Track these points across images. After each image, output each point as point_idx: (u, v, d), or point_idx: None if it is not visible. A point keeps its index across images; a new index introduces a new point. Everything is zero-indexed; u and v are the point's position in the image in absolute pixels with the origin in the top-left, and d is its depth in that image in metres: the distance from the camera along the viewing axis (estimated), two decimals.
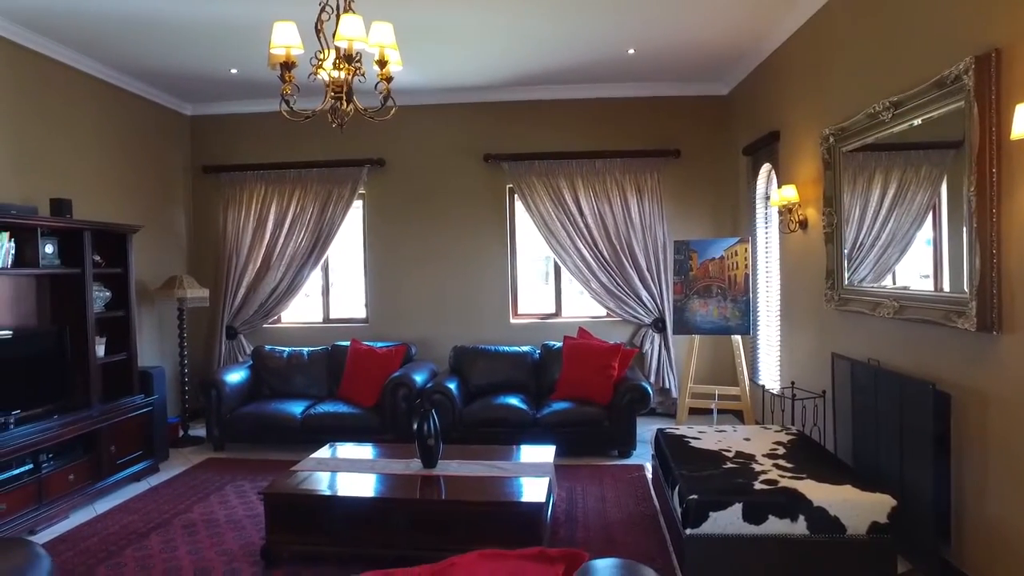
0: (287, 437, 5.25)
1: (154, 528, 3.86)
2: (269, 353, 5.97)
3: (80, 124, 5.06)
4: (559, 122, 6.12)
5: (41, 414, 4.20)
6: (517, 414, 5.03)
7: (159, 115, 6.04)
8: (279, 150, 6.33)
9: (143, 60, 5.12)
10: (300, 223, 6.31)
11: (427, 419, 3.62)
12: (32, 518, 3.85)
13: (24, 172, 4.50)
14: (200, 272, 6.43)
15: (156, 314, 5.96)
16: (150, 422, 4.95)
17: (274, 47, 2.68)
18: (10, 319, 4.21)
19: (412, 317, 6.31)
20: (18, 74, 4.48)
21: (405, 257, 6.32)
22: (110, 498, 4.39)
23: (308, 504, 3.34)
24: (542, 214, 6.05)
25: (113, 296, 4.84)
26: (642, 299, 6.01)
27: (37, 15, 4.22)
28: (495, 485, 3.36)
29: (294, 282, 6.35)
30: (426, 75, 5.66)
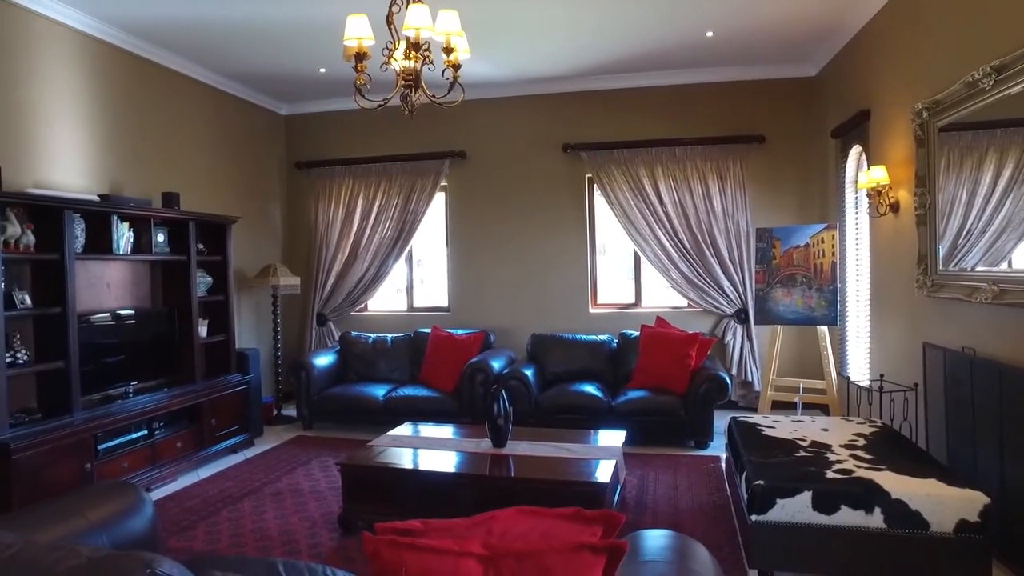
0: (370, 418, 5.49)
1: (247, 494, 4.17)
2: (355, 339, 6.27)
3: (188, 125, 5.51)
4: (638, 110, 6.06)
5: (154, 386, 4.63)
6: (592, 401, 5.04)
7: (257, 115, 6.47)
8: (365, 144, 6.61)
9: (243, 65, 5.51)
10: (385, 215, 6.57)
11: (497, 401, 3.69)
12: (147, 477, 4.26)
13: (140, 169, 4.96)
14: (293, 261, 6.84)
15: (254, 300, 6.39)
16: (246, 399, 5.32)
17: (347, 39, 2.83)
18: (129, 301, 4.66)
19: (492, 306, 6.43)
20: (135, 81, 4.93)
21: (486, 247, 6.45)
22: (211, 466, 4.77)
23: (381, 476, 3.51)
24: (621, 203, 6.00)
25: (214, 282, 5.25)
26: (724, 289, 5.85)
27: (152, 27, 4.63)
28: (560, 465, 3.40)
29: (379, 271, 6.62)
30: (503, 68, 5.75)
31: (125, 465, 4.13)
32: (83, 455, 3.84)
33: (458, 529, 1.63)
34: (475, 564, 1.48)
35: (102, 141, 4.63)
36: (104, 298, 4.44)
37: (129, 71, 4.87)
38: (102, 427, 4.01)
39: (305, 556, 3.22)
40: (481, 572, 1.48)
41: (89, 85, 4.54)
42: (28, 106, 4.11)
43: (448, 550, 1.49)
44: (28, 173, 4.08)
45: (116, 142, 4.74)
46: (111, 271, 4.49)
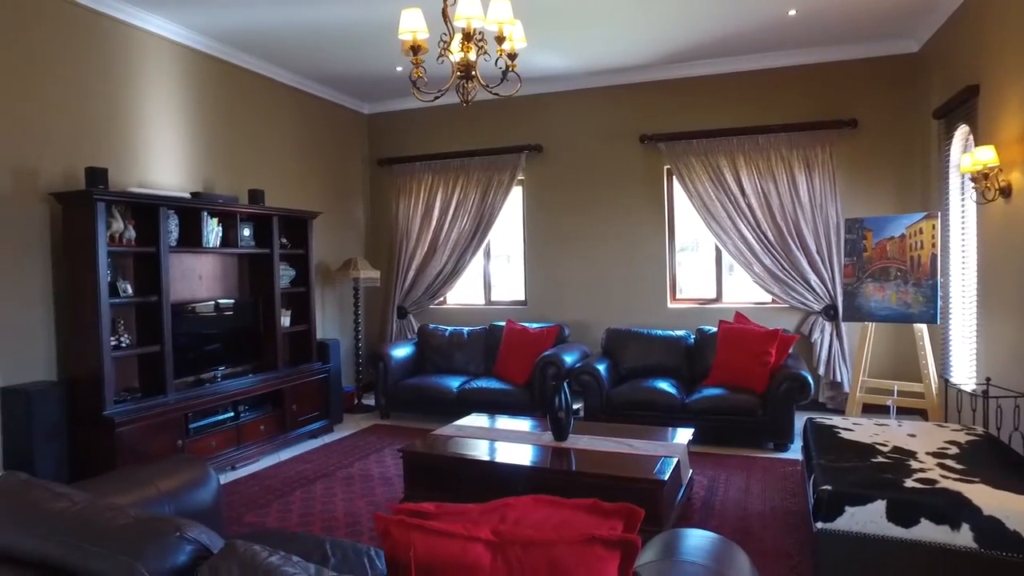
0: (444, 409, 5.58)
1: (320, 477, 4.36)
2: (432, 331, 6.40)
3: (275, 126, 5.81)
4: (717, 98, 5.80)
5: (240, 372, 4.93)
6: (665, 398, 4.89)
7: (341, 115, 6.73)
8: (444, 140, 6.73)
9: (327, 67, 5.74)
10: (463, 209, 6.65)
11: (559, 394, 3.66)
12: (232, 456, 4.55)
13: (230, 168, 5.28)
14: (376, 256, 7.07)
15: (337, 292, 6.66)
16: (326, 387, 5.56)
17: (402, 33, 2.88)
18: (218, 291, 4.98)
19: (569, 300, 6.38)
20: (226, 87, 5.26)
21: (562, 241, 6.40)
22: (290, 449, 5.02)
23: (441, 464, 3.56)
24: (701, 195, 5.78)
25: (297, 274, 5.51)
26: (810, 284, 5.51)
27: (241, 35, 4.92)
28: (619, 460, 3.32)
29: (458, 265, 6.71)
30: (576, 59, 5.67)
31: (213, 444, 4.43)
32: (175, 432, 4.14)
33: (472, 514, 1.62)
34: (483, 549, 1.46)
35: (196, 143, 4.97)
36: (196, 288, 4.76)
37: (221, 77, 5.20)
38: (192, 407, 4.31)
39: (365, 538, 3.32)
40: (488, 558, 1.46)
41: (185, 92, 4.88)
42: (132, 113, 4.47)
43: (456, 534, 1.48)
44: (132, 174, 4.45)
45: (209, 143, 5.08)
46: (202, 263, 4.81)
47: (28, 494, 1.79)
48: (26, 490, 1.82)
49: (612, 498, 3.02)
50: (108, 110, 4.31)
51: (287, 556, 1.47)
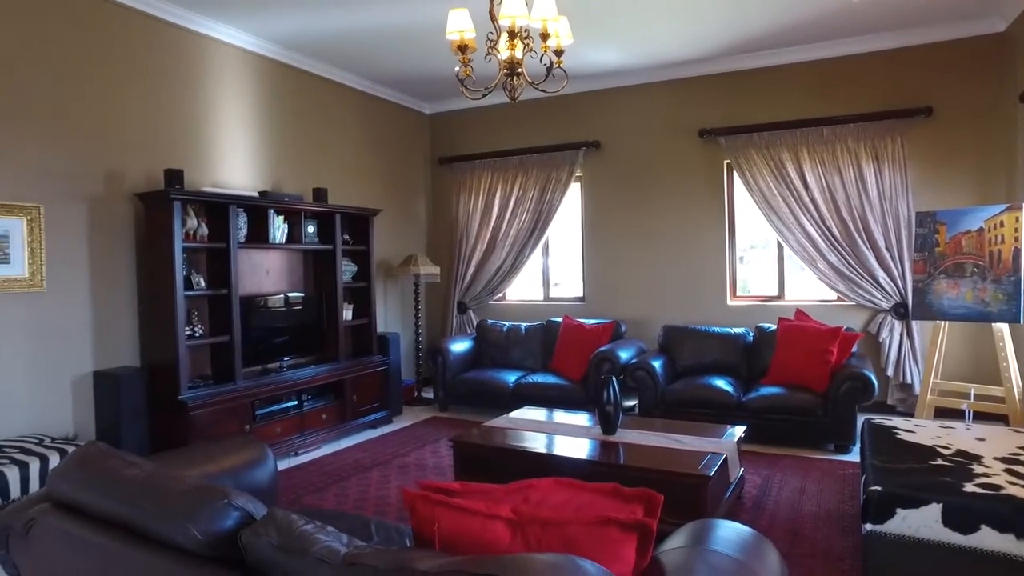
0: (500, 403, 5.66)
1: (376, 465, 4.52)
2: (491, 326, 6.50)
3: (339, 127, 6.05)
4: (779, 89, 5.64)
5: (304, 362, 5.16)
6: (721, 396, 4.81)
7: (403, 115, 6.92)
8: (503, 138, 6.81)
9: (388, 69, 5.92)
10: (522, 206, 6.72)
11: (607, 387, 3.67)
12: (295, 442, 4.78)
13: (296, 167, 5.54)
14: (437, 252, 7.23)
15: (399, 288, 6.86)
16: (386, 379, 5.74)
17: (449, 33, 2.97)
18: (284, 286, 5.23)
19: (627, 296, 6.35)
20: (293, 91, 5.52)
21: (620, 237, 6.38)
22: (350, 438, 5.22)
23: (489, 454, 3.63)
24: (762, 190, 5.64)
25: (358, 269, 5.72)
26: (878, 281, 5.28)
27: (306, 41, 5.14)
28: (665, 455, 3.30)
29: (516, 262, 6.79)
30: (633, 55, 5.64)
31: (278, 430, 4.66)
32: (243, 417, 4.40)
33: (495, 494, 1.67)
34: (503, 527, 1.52)
35: (265, 144, 5.24)
36: (264, 283, 5.02)
37: (288, 82, 5.46)
38: (259, 395, 4.56)
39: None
40: (508, 535, 1.51)
41: (255, 97, 5.15)
42: (207, 118, 4.76)
43: (478, 511, 1.54)
44: (206, 174, 4.74)
45: (276, 145, 5.34)
46: (269, 259, 5.07)
47: (105, 461, 1.98)
48: (104, 457, 2.01)
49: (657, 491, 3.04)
50: (185, 116, 4.61)
51: (321, 526, 1.57)
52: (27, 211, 3.68)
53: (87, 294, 3.99)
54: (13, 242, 3.63)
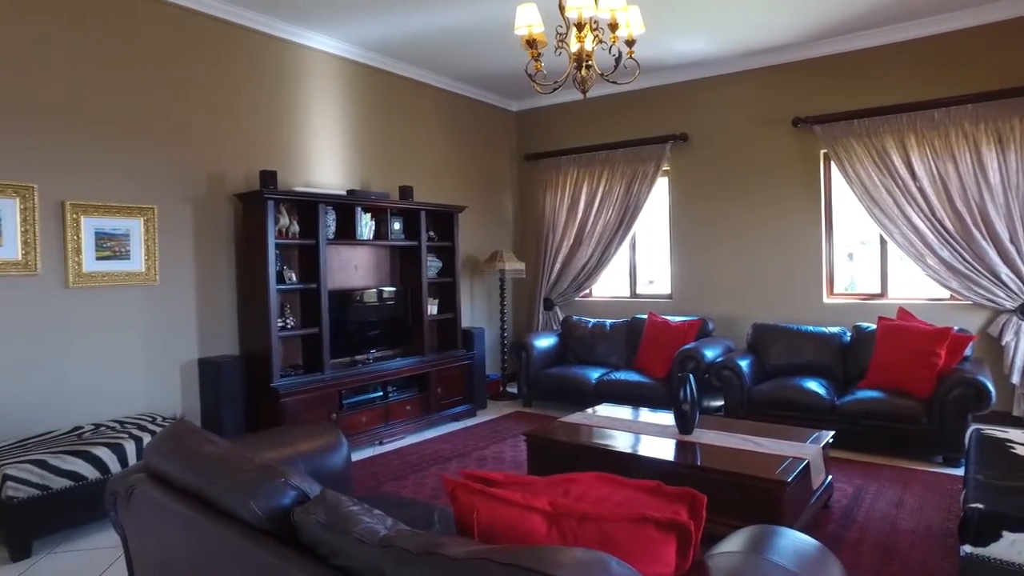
0: (583, 399, 5.62)
1: (456, 457, 4.62)
2: (576, 323, 6.48)
3: (425, 125, 6.21)
4: (880, 72, 5.23)
5: (390, 355, 5.35)
6: (811, 398, 4.55)
7: (489, 113, 7.01)
8: (590, 133, 6.76)
9: (473, 68, 6.01)
10: (608, 201, 6.64)
11: (684, 386, 3.57)
12: (380, 432, 4.97)
13: (383, 166, 5.74)
14: (524, 248, 7.28)
15: (485, 283, 6.96)
16: (470, 373, 5.85)
17: (517, 28, 2.98)
18: (372, 281, 5.44)
19: (715, 293, 6.13)
20: (380, 92, 5.72)
21: (709, 232, 6.16)
22: (434, 430, 5.36)
23: (561, 449, 3.63)
24: (863, 181, 5.26)
25: (443, 265, 5.85)
26: (1001, 278, 4.80)
27: (393, 44, 5.31)
28: (742, 457, 3.16)
29: (602, 258, 6.71)
30: (721, 43, 5.43)
31: (363, 419, 4.86)
32: (330, 406, 4.62)
33: (535, 486, 1.67)
34: (539, 519, 1.52)
35: (353, 145, 5.47)
36: (352, 278, 5.25)
37: (375, 84, 5.66)
38: (346, 385, 4.77)
39: None
40: (545, 527, 1.51)
41: (344, 99, 5.39)
42: (299, 121, 5.04)
43: (515, 502, 1.55)
44: (300, 175, 5.02)
45: (364, 145, 5.57)
46: (357, 255, 5.29)
47: (189, 437, 2.15)
48: (189, 435, 2.18)
49: (731, 496, 2.94)
50: (280, 120, 4.90)
51: (368, 508, 1.63)
52: (144, 212, 4.05)
53: (193, 287, 4.34)
54: (133, 240, 4.00)
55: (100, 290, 3.86)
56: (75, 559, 3.08)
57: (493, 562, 1.23)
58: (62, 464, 3.19)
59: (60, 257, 3.69)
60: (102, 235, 3.84)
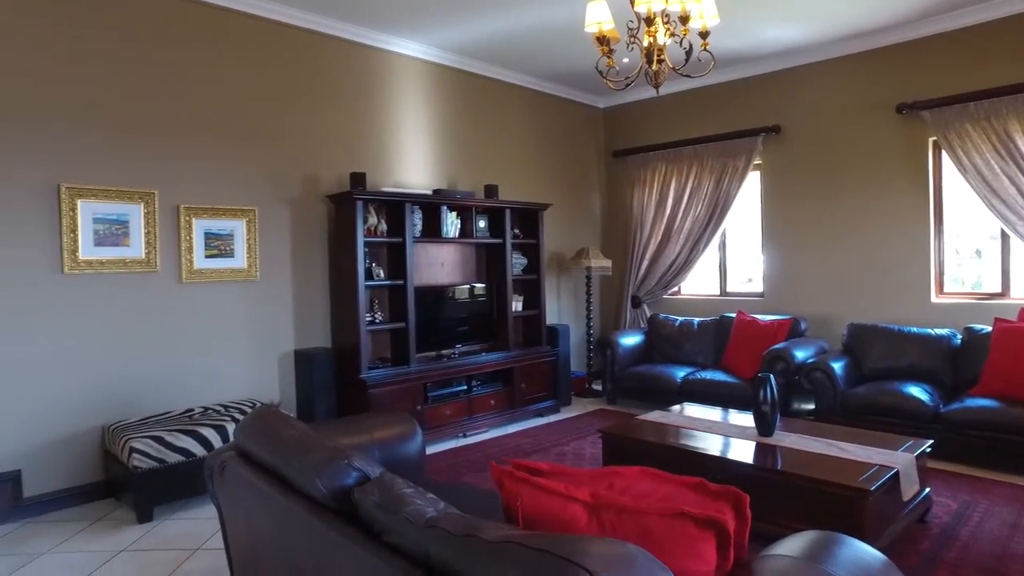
0: (667, 398, 5.52)
1: (536, 451, 4.68)
2: (663, 321, 6.37)
3: (509, 125, 6.30)
4: (1000, 47, 4.77)
5: (475, 350, 5.49)
6: (912, 404, 4.25)
7: (576, 110, 7.01)
8: (678, 128, 6.62)
9: (558, 66, 6.03)
10: (696, 197, 6.48)
11: (763, 386, 3.45)
12: (464, 424, 5.12)
13: (469, 166, 5.89)
14: (612, 245, 7.24)
15: (572, 280, 6.97)
16: (554, 370, 5.90)
17: (588, 26, 2.99)
18: (458, 278, 5.60)
19: (810, 292, 5.84)
20: (465, 94, 5.86)
21: (803, 228, 5.88)
22: (517, 424, 5.45)
23: (636, 447, 3.60)
24: (979, 170, 4.84)
25: (528, 262, 5.93)
26: None
27: (477, 46, 5.44)
28: (822, 463, 3.02)
29: (691, 255, 6.56)
30: (814, 29, 5.15)
31: (447, 412, 5.03)
32: (416, 398, 4.81)
33: (580, 477, 1.70)
34: (580, 509, 1.55)
35: (440, 145, 5.65)
36: (439, 274, 5.43)
37: (460, 86, 5.81)
38: (431, 378, 4.95)
39: None
40: (585, 518, 1.54)
41: (430, 102, 5.58)
42: (389, 125, 5.27)
43: (558, 492, 1.59)
44: (388, 176, 5.25)
45: (451, 145, 5.73)
46: (443, 252, 5.47)
47: (271, 420, 2.34)
48: (272, 418, 2.38)
49: (808, 503, 2.82)
50: (370, 123, 5.14)
51: (421, 491, 1.72)
52: (246, 213, 4.39)
53: (290, 283, 4.65)
54: (236, 239, 4.35)
55: (208, 285, 4.23)
56: (187, 525, 3.41)
57: (523, 546, 1.28)
58: (175, 441, 3.54)
59: (175, 255, 4.08)
60: (210, 235, 4.21)
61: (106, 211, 3.78)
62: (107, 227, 3.78)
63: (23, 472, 3.58)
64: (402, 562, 1.49)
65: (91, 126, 3.77)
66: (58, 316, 3.66)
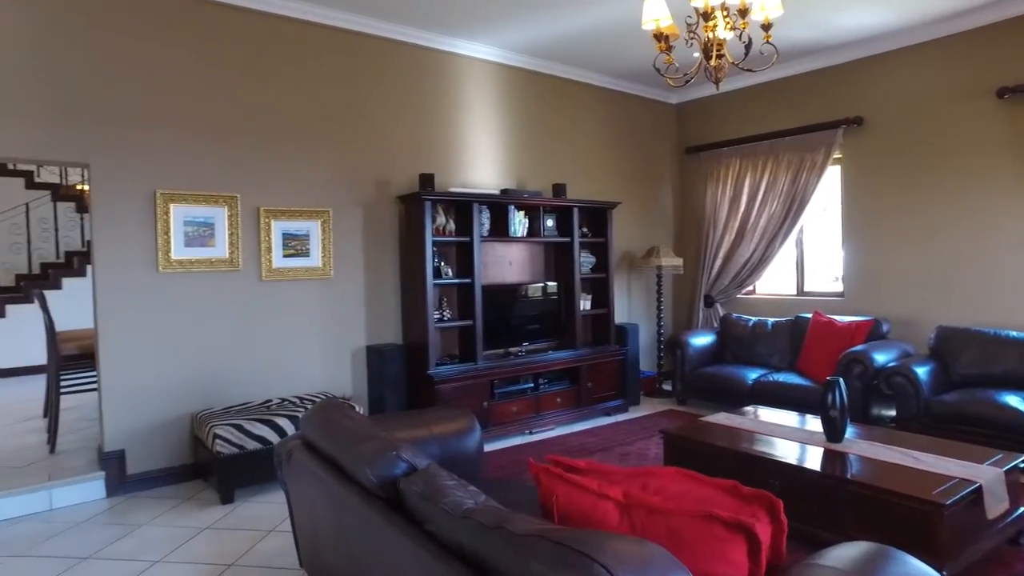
0: (738, 400, 5.37)
1: (600, 450, 4.69)
2: (735, 321, 6.21)
3: (578, 124, 6.29)
4: None
5: (542, 348, 5.54)
6: (1009, 415, 3.96)
7: (648, 108, 6.92)
8: (752, 123, 6.42)
9: (627, 63, 5.97)
10: (772, 193, 6.27)
11: (832, 390, 3.32)
12: (530, 422, 5.18)
13: (537, 165, 5.93)
14: (684, 243, 7.11)
15: (643, 279, 6.90)
16: (622, 369, 5.87)
17: (645, 22, 2.97)
18: (526, 276, 5.66)
19: (894, 293, 5.53)
20: (533, 94, 5.90)
21: (888, 225, 5.57)
22: (583, 423, 5.46)
23: (698, 450, 3.55)
24: None
25: (596, 261, 5.91)
26: None
27: (545, 46, 5.47)
28: (893, 473, 2.88)
29: (766, 253, 6.35)
30: (899, 11, 4.85)
31: (514, 409, 5.10)
32: (482, 394, 4.91)
33: (615, 476, 1.72)
34: (612, 507, 1.58)
35: (508, 145, 5.72)
36: (507, 273, 5.50)
37: (527, 86, 5.86)
38: (498, 375, 5.04)
39: None
40: (616, 516, 1.57)
41: (498, 102, 5.66)
42: (457, 126, 5.39)
43: (590, 489, 1.62)
44: (457, 176, 5.37)
45: (519, 145, 5.79)
46: (511, 251, 5.54)
47: (333, 412, 2.49)
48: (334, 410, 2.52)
49: (876, 516, 2.71)
50: (439, 125, 5.28)
51: (463, 484, 1.79)
52: (321, 215, 4.62)
53: (362, 281, 4.85)
54: (312, 239, 4.59)
55: (286, 283, 4.48)
56: (264, 508, 3.64)
57: (546, 539, 1.32)
58: (253, 429, 3.78)
59: (256, 255, 4.35)
60: (287, 235, 4.46)
61: (195, 214, 4.08)
62: (196, 229, 4.09)
63: (127, 451, 3.93)
64: (439, 550, 1.56)
65: (182, 137, 4.08)
66: (154, 311, 3.99)
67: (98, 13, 3.82)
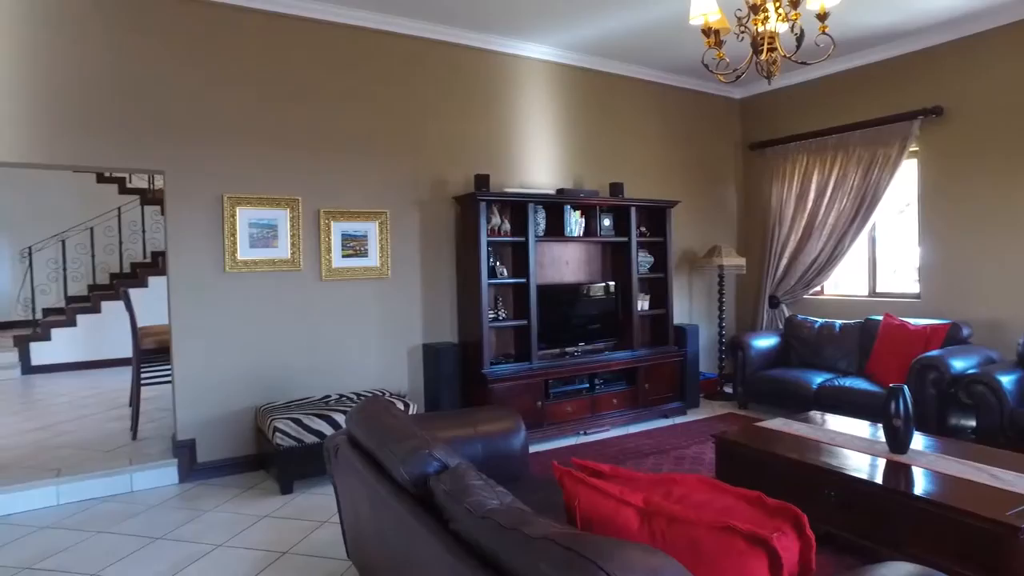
0: (801, 405, 5.19)
1: (654, 453, 4.61)
2: (801, 322, 5.98)
3: (636, 121, 6.19)
4: None
5: (598, 348, 5.50)
6: None
7: (709, 103, 6.74)
8: (820, 116, 6.16)
9: (687, 59, 5.82)
10: (841, 190, 5.99)
11: (896, 397, 3.16)
12: (585, 422, 5.16)
13: (594, 165, 5.88)
14: (748, 242, 6.90)
15: (705, 279, 6.73)
16: (681, 370, 5.75)
17: (693, 18, 2.90)
18: (582, 276, 5.63)
19: (975, 294, 5.18)
20: (589, 92, 5.85)
21: (970, 222, 5.22)
22: (640, 424, 5.39)
23: (750, 456, 3.45)
24: None
25: (655, 260, 5.81)
26: None
27: (601, 44, 5.42)
28: (962, 489, 2.71)
29: (835, 252, 6.08)
30: None
31: (569, 409, 5.09)
32: (537, 393, 4.92)
33: (638, 482, 1.70)
34: (633, 514, 1.57)
35: (564, 145, 5.70)
36: (563, 273, 5.49)
37: (583, 84, 5.82)
38: (553, 375, 5.04)
39: None
40: (637, 523, 1.55)
41: (554, 102, 5.65)
42: (513, 127, 5.42)
43: (612, 495, 1.61)
44: (514, 176, 5.40)
45: (574, 144, 5.76)
46: (568, 251, 5.52)
47: (377, 410, 2.56)
48: (378, 408, 2.59)
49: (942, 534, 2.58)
50: (495, 126, 5.32)
51: (491, 484, 1.81)
52: (378, 216, 4.75)
53: (418, 281, 4.96)
54: (370, 240, 4.72)
55: (344, 283, 4.63)
56: (320, 499, 3.79)
57: (556, 543, 1.32)
58: (311, 424, 3.93)
59: (316, 255, 4.52)
60: (347, 236, 4.61)
61: (259, 216, 4.28)
62: (260, 231, 4.28)
63: (197, 441, 4.17)
64: (459, 549, 1.59)
65: (246, 142, 4.28)
66: (221, 309, 4.21)
67: (170, 37, 4.06)
